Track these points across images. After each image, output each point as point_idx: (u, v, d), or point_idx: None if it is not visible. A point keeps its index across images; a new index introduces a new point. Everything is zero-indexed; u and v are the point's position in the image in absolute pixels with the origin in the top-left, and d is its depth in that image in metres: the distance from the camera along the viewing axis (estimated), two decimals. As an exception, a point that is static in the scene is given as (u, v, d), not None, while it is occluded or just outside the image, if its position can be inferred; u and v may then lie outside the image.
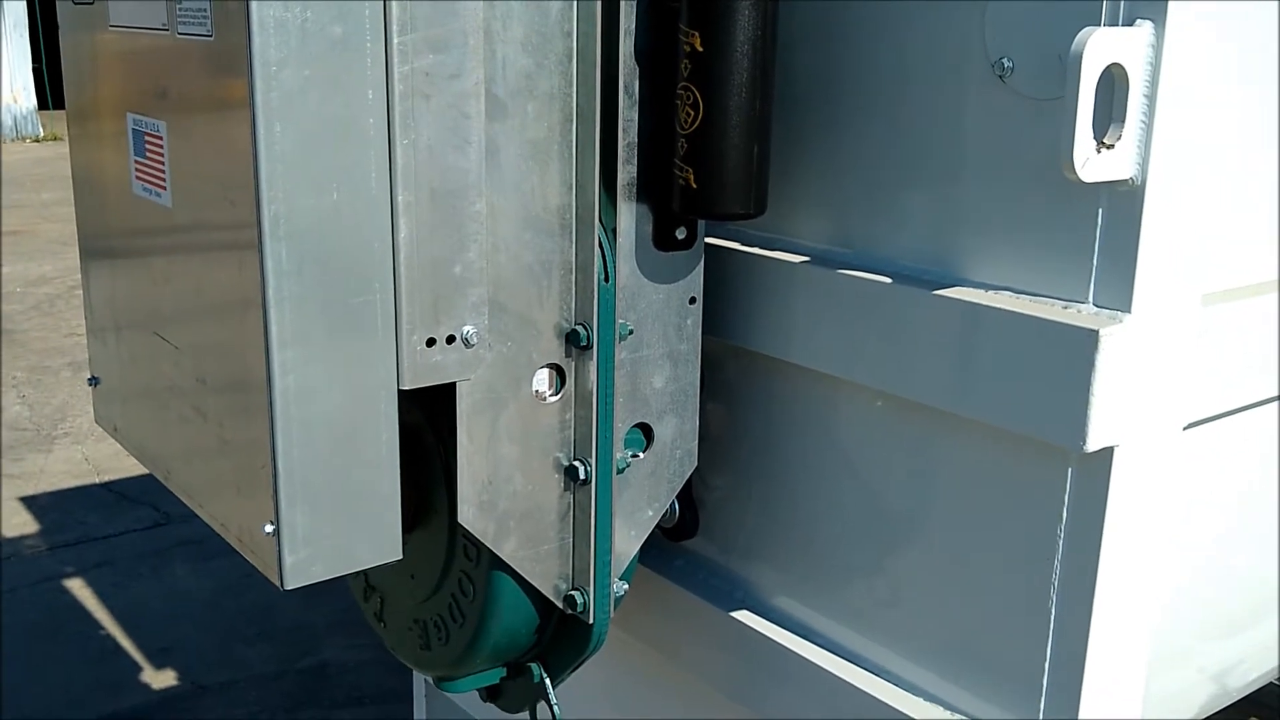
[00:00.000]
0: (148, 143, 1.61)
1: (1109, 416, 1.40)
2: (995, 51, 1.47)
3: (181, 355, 1.65)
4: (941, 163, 1.57)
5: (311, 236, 1.38)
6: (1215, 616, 2.09)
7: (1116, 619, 1.53)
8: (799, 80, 1.72)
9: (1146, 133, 1.37)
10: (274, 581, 1.49)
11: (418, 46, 1.40)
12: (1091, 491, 1.46)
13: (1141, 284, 1.40)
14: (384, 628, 2.00)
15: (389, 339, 1.46)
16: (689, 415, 1.80)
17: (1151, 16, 1.34)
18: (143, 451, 1.87)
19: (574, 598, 1.73)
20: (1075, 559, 1.49)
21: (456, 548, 1.75)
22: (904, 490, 1.70)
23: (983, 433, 1.56)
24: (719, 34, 1.50)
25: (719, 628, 1.98)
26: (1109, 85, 1.35)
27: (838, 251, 1.74)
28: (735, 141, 1.54)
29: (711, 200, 1.58)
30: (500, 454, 1.62)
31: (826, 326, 1.70)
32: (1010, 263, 1.51)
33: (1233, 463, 1.82)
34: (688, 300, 1.74)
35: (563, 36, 1.54)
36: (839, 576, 1.83)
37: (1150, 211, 1.38)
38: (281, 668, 4.35)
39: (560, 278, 1.61)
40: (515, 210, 1.55)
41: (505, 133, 1.52)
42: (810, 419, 1.82)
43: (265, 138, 1.33)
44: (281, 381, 1.40)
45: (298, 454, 1.43)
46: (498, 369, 1.58)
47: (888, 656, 1.78)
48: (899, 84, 1.61)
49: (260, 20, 1.30)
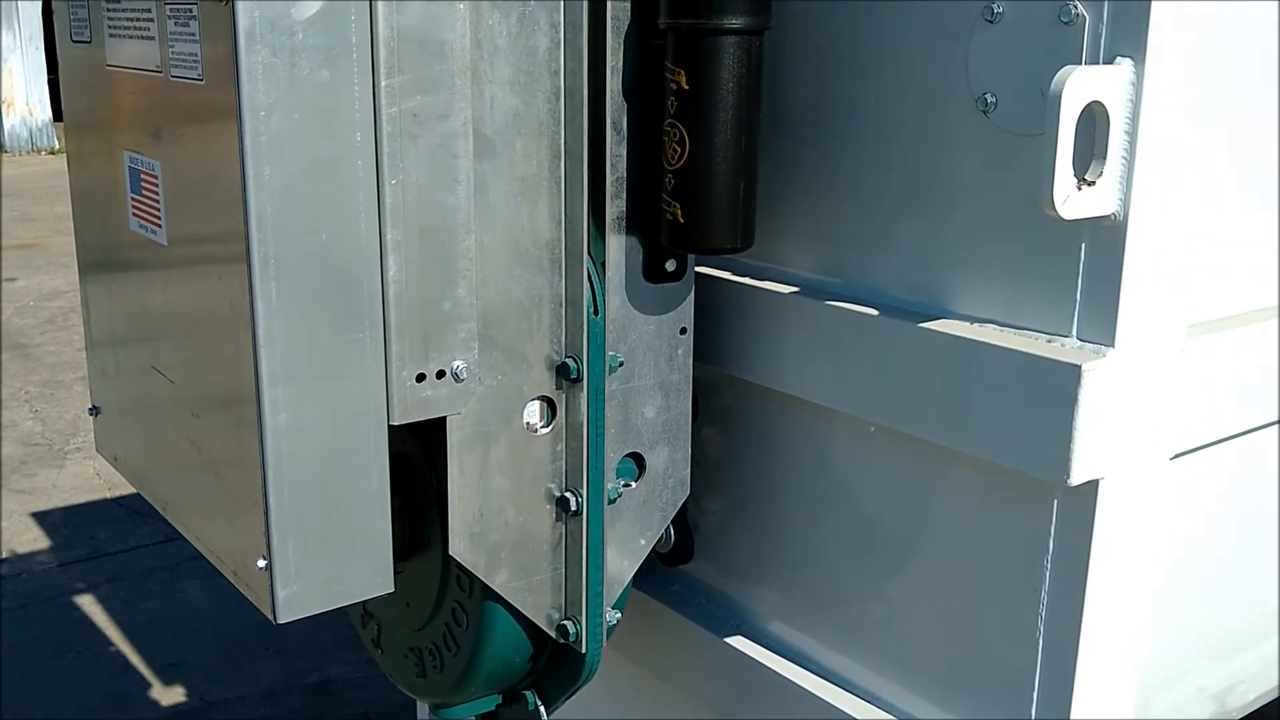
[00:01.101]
0: (144, 181, 1.63)
1: (1093, 450, 1.41)
2: (979, 87, 1.48)
3: (176, 389, 1.67)
4: (928, 196, 1.58)
5: (302, 275, 1.40)
6: (1212, 638, 2.09)
7: (1103, 648, 1.54)
8: (790, 112, 1.74)
9: (1128, 169, 1.38)
10: (267, 615, 1.51)
11: (405, 88, 1.42)
12: (1077, 524, 1.47)
13: (1124, 318, 1.41)
14: (381, 654, 2.02)
15: (379, 375, 1.48)
16: (681, 444, 1.82)
17: (1131, 54, 1.35)
18: (141, 482, 1.89)
19: (567, 627, 1.75)
20: (1062, 590, 1.50)
21: (450, 578, 1.77)
22: (896, 519, 1.71)
23: (971, 464, 1.57)
24: (704, 72, 1.52)
25: (715, 653, 1.99)
26: (1090, 122, 1.36)
27: (828, 281, 1.75)
28: (722, 177, 1.56)
29: (699, 234, 1.59)
30: (491, 486, 1.64)
31: (816, 357, 1.72)
32: (996, 296, 1.53)
33: (1223, 490, 1.82)
34: (678, 330, 1.76)
35: (550, 75, 1.55)
36: (832, 603, 1.84)
37: (1132, 247, 1.39)
38: (289, 683, 4.37)
39: (550, 311, 1.63)
40: (504, 246, 1.57)
41: (494, 170, 1.54)
42: (804, 447, 1.83)
43: (255, 180, 1.35)
44: (273, 419, 1.42)
45: (289, 489, 1.44)
46: (488, 402, 1.60)
47: (880, 683, 1.79)
48: (887, 118, 1.62)
49: (249, 66, 1.32)
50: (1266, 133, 1.67)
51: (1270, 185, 1.71)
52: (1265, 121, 1.66)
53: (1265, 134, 1.67)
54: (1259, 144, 1.67)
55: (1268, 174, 1.70)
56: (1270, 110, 1.67)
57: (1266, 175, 1.70)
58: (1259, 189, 1.68)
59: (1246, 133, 1.63)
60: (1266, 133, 1.67)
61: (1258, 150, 1.66)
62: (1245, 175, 1.65)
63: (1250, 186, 1.67)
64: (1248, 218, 1.68)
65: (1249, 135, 1.63)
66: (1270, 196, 1.71)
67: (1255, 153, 1.65)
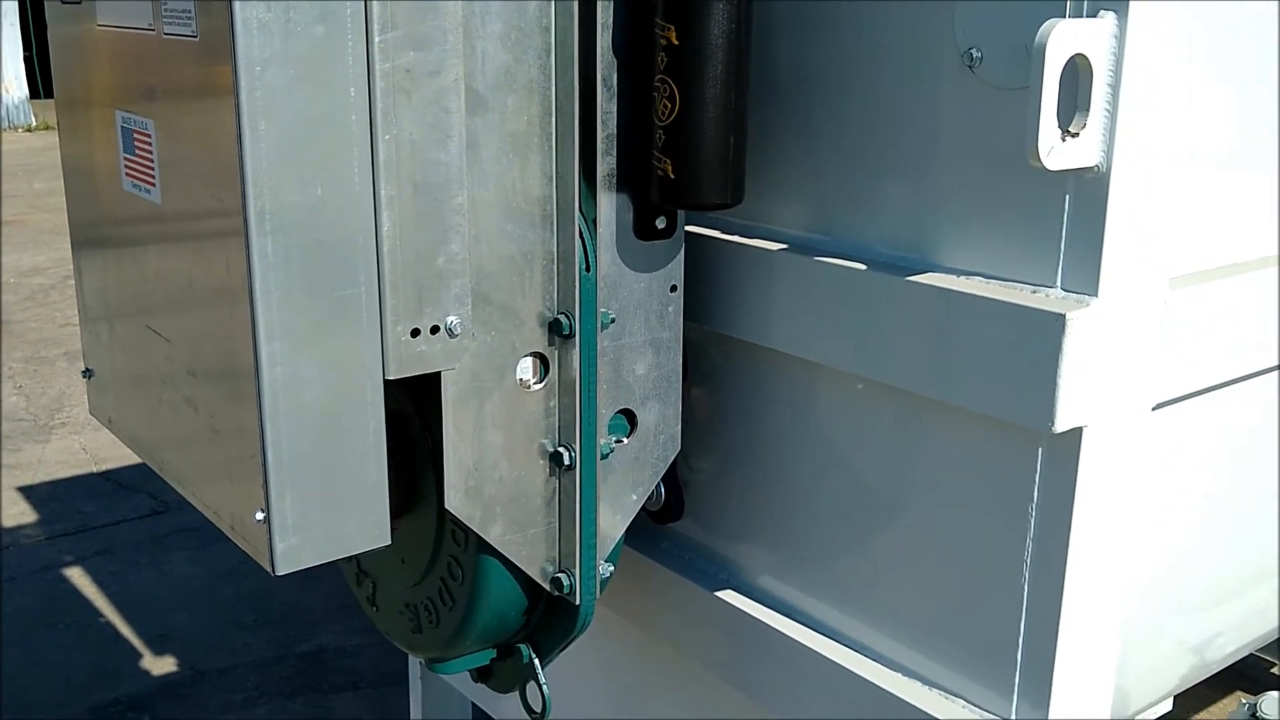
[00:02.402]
0: (136, 140, 1.64)
1: (1077, 398, 1.44)
2: (964, 42, 1.50)
3: (172, 347, 1.69)
4: (915, 151, 1.60)
5: (297, 231, 1.41)
6: (1192, 591, 2.13)
7: (1087, 594, 1.57)
8: (778, 71, 1.75)
9: (1111, 121, 1.40)
10: (265, 568, 1.53)
11: (398, 44, 1.43)
12: (1061, 471, 1.50)
13: (1108, 268, 1.43)
14: (376, 612, 2.04)
15: (374, 330, 1.49)
16: (672, 401, 1.84)
17: (1114, 7, 1.37)
18: (136, 442, 1.90)
19: (560, 580, 1.77)
20: (1046, 537, 1.54)
21: (445, 533, 1.79)
22: (884, 471, 1.74)
23: (957, 415, 1.60)
24: (694, 28, 1.53)
25: (704, 607, 2.02)
26: (1074, 75, 1.38)
27: (816, 238, 1.77)
28: (712, 133, 1.57)
29: (689, 191, 1.61)
30: (486, 441, 1.66)
31: (805, 313, 1.74)
32: (982, 249, 1.55)
33: (1205, 441, 1.86)
34: (669, 288, 1.78)
35: (541, 31, 1.57)
36: (821, 556, 1.87)
37: (1115, 198, 1.42)
38: (280, 652, 4.39)
39: (542, 268, 1.65)
40: (496, 202, 1.59)
41: (485, 126, 1.55)
42: (792, 403, 1.86)
43: (250, 135, 1.36)
44: (269, 372, 1.43)
45: (286, 443, 1.46)
46: (482, 358, 1.62)
47: (869, 633, 1.82)
48: (874, 74, 1.64)
49: (244, 21, 1.33)
50: (1251, 84, 1.70)
51: (1256, 138, 1.73)
52: (1250, 73, 1.69)
53: (1250, 86, 1.70)
54: (1244, 96, 1.69)
55: (1253, 126, 1.72)
56: (1255, 62, 1.69)
57: (1251, 127, 1.72)
58: (1244, 141, 1.71)
59: (1232, 84, 1.65)
60: (1251, 84, 1.70)
61: (1243, 102, 1.69)
62: (1230, 127, 1.68)
63: (1235, 139, 1.69)
64: (1232, 170, 1.70)
65: (1233, 87, 1.66)
66: (1255, 149, 1.74)
67: (1240, 105, 1.68)
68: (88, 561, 5.04)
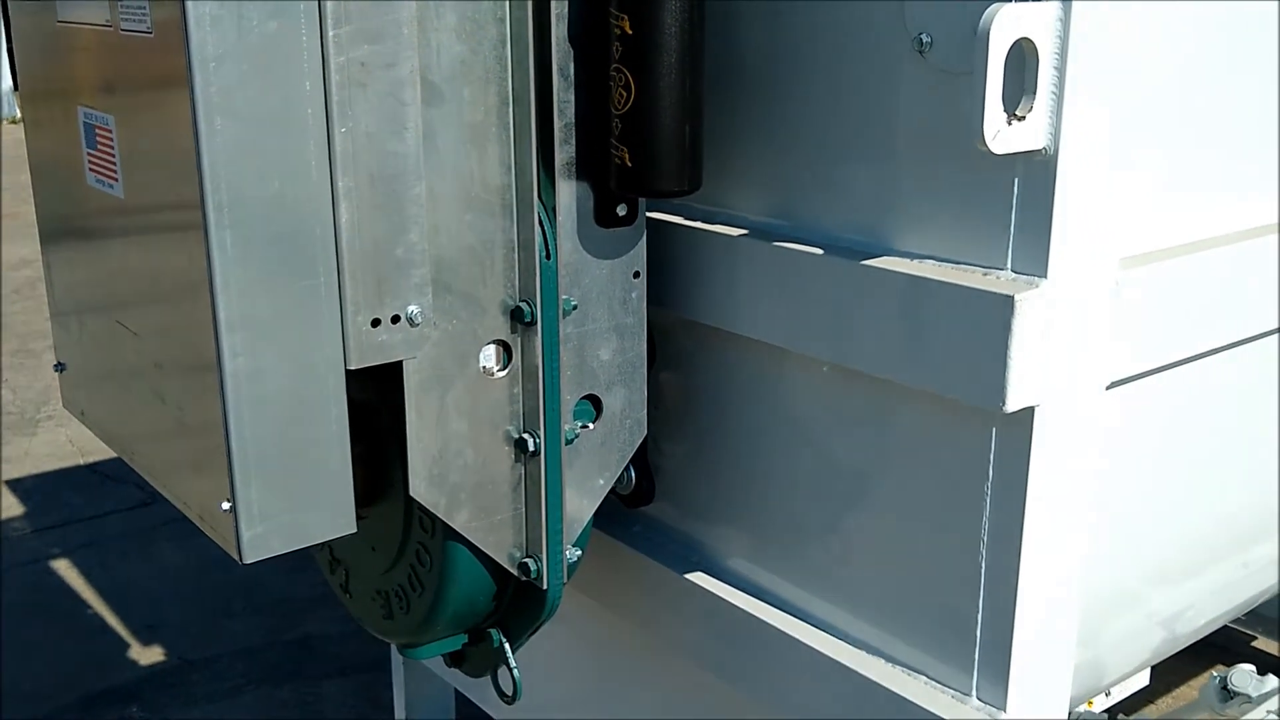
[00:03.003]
0: (98, 135, 1.66)
1: (1028, 378, 1.46)
2: (915, 27, 1.51)
3: (140, 340, 1.70)
4: (870, 136, 1.62)
5: (256, 223, 1.43)
6: (1160, 564, 2.16)
7: (1044, 571, 1.60)
8: (736, 58, 1.77)
9: (1057, 104, 1.42)
10: (233, 556, 1.55)
11: (353, 38, 1.44)
12: (1014, 450, 1.53)
13: (1057, 250, 1.45)
14: (350, 599, 2.06)
15: (335, 320, 1.51)
16: (637, 386, 1.86)
17: (1059, -9, 1.39)
18: (108, 434, 1.92)
19: (528, 565, 1.79)
20: (1001, 515, 1.56)
21: (413, 520, 1.81)
22: (848, 453, 1.76)
23: (917, 397, 1.62)
24: (648, 17, 1.55)
25: (675, 589, 2.04)
26: (1020, 58, 1.40)
27: (777, 224, 1.79)
28: (667, 121, 1.59)
29: (647, 178, 1.63)
30: (450, 429, 1.68)
31: (766, 298, 1.76)
32: (937, 232, 1.57)
33: (1161, 419, 1.88)
34: (631, 274, 1.79)
35: (496, 22, 1.58)
36: (789, 537, 1.89)
37: (1063, 180, 1.44)
38: (267, 640, 4.42)
39: (503, 256, 1.67)
40: (455, 192, 1.60)
41: (442, 118, 1.57)
42: (758, 387, 1.88)
43: (206, 130, 1.37)
44: (231, 364, 1.45)
45: (250, 433, 1.48)
46: (444, 347, 1.64)
47: (835, 612, 1.85)
48: (831, 60, 1.65)
49: (196, 17, 1.34)
50: (1198, 65, 1.72)
51: (1203, 117, 1.75)
52: (1197, 53, 1.71)
53: (1197, 66, 1.72)
54: (1191, 77, 1.71)
55: (1200, 106, 1.74)
56: (1202, 42, 1.71)
57: (1199, 107, 1.74)
58: (1192, 121, 1.73)
59: (1178, 65, 1.67)
60: (1198, 65, 1.72)
61: (1190, 83, 1.70)
62: (1177, 107, 1.70)
63: (1183, 119, 1.71)
64: (1181, 150, 1.72)
65: (1180, 68, 1.68)
66: (1203, 128, 1.76)
67: (1187, 85, 1.70)
68: (75, 553, 5.06)
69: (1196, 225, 1.75)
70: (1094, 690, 2.47)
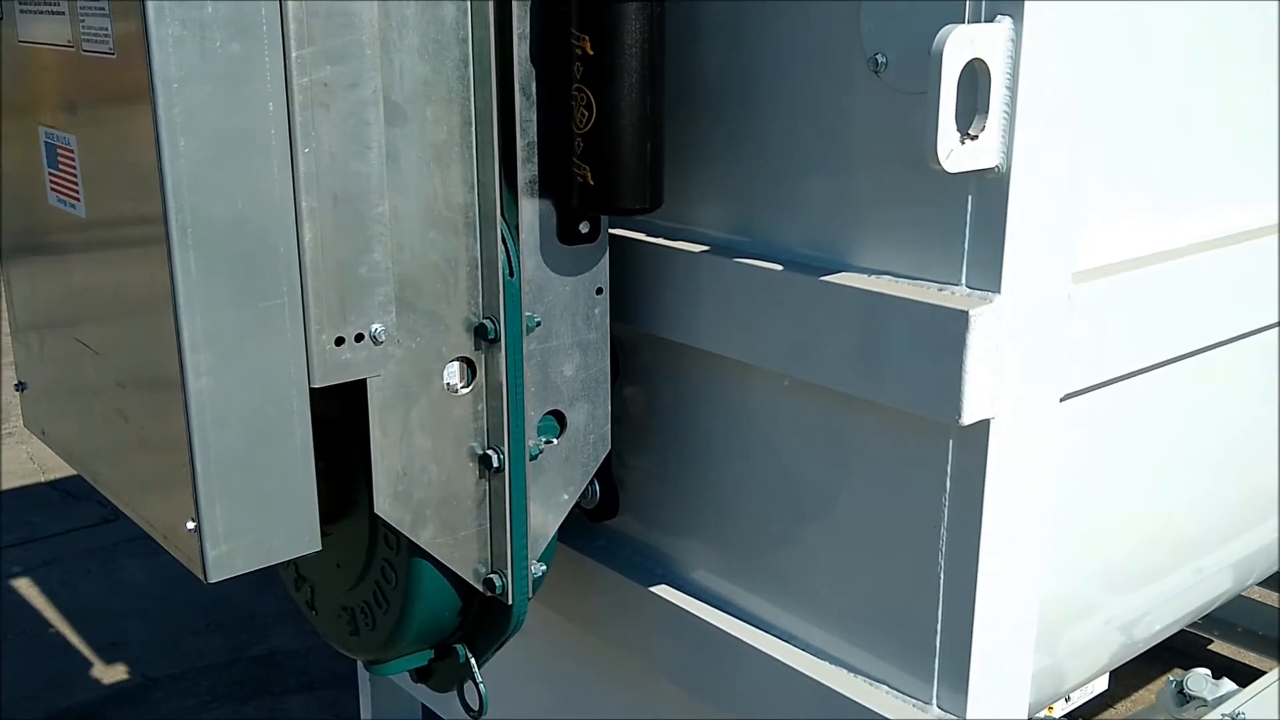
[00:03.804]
0: (60, 155, 1.66)
1: (982, 391, 1.49)
2: (870, 48, 1.54)
3: (101, 359, 1.70)
4: (827, 154, 1.65)
5: (219, 244, 1.43)
6: (1117, 571, 2.20)
7: (1002, 581, 1.62)
8: (697, 77, 1.79)
9: (1010, 123, 1.45)
10: (198, 575, 1.55)
11: (315, 59, 1.45)
12: (970, 462, 1.55)
13: (1010, 266, 1.48)
14: (315, 615, 2.07)
15: (298, 339, 1.52)
16: (601, 401, 1.87)
17: (1010, 12, 1.42)
18: (70, 454, 1.92)
19: (493, 581, 1.80)
20: (959, 526, 1.58)
21: (378, 536, 1.82)
22: (809, 466, 1.78)
23: (876, 410, 1.64)
24: (608, 38, 1.57)
25: (640, 602, 2.06)
26: (973, 78, 1.42)
27: (737, 240, 1.81)
28: (628, 140, 1.61)
29: (609, 196, 1.65)
30: (414, 446, 1.69)
31: (727, 313, 1.78)
32: (893, 248, 1.59)
33: (1117, 429, 1.91)
34: (594, 290, 1.81)
35: (458, 43, 1.60)
36: (752, 549, 1.91)
37: (1015, 197, 1.47)
38: (232, 657, 4.39)
39: (466, 274, 1.68)
40: (418, 211, 1.61)
41: (405, 137, 1.58)
42: (721, 400, 1.90)
43: (170, 151, 1.38)
44: (195, 383, 1.45)
45: (214, 453, 1.48)
46: (408, 364, 1.65)
47: (798, 624, 1.87)
48: (790, 78, 1.68)
49: (159, 40, 1.35)
50: (1150, 83, 1.76)
51: (1155, 134, 1.79)
52: (1149, 71, 1.75)
53: (1148, 84, 1.76)
54: (1142, 94, 1.75)
55: (1152, 123, 1.78)
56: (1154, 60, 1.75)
57: (1151, 124, 1.78)
58: (1143, 138, 1.77)
59: (1129, 83, 1.71)
60: (1150, 83, 1.76)
61: (1141, 100, 1.74)
62: (1129, 125, 1.74)
63: (1134, 136, 1.75)
64: (1131, 166, 1.76)
65: (1132, 86, 1.71)
66: (1155, 145, 1.80)
67: (1139, 103, 1.74)
68: (36, 571, 5.01)
69: (1148, 239, 1.79)
70: (1054, 696, 2.51)
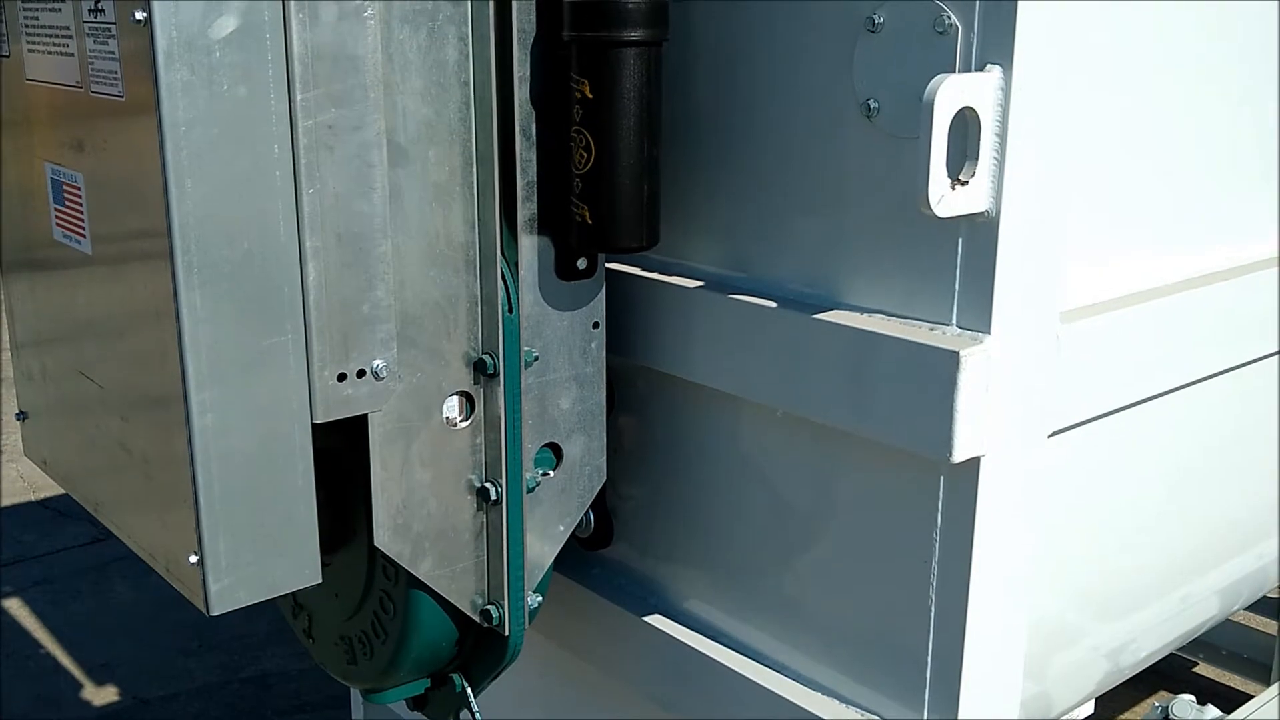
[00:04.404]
0: (66, 192, 1.68)
1: (973, 429, 1.52)
2: (863, 93, 1.58)
3: (105, 393, 1.72)
4: (821, 195, 1.68)
5: (225, 283, 1.46)
6: (1105, 599, 2.23)
7: (991, 615, 1.65)
8: (694, 116, 1.82)
9: (999, 169, 1.49)
10: (200, 608, 1.57)
11: (320, 102, 1.48)
12: (961, 498, 1.58)
13: (999, 307, 1.52)
14: (313, 643, 2.08)
15: (301, 375, 1.54)
16: (597, 433, 1.90)
17: (1000, 61, 1.45)
18: (72, 484, 1.94)
19: (490, 612, 1.83)
20: (950, 561, 1.61)
21: (376, 568, 1.84)
22: (802, 499, 1.81)
23: (867, 446, 1.67)
24: (607, 82, 1.60)
25: (634, 631, 2.08)
26: (963, 125, 1.46)
27: (732, 276, 1.84)
28: (626, 181, 1.64)
29: (606, 235, 1.68)
30: (414, 479, 1.71)
31: (722, 347, 1.81)
32: (885, 288, 1.63)
33: (1103, 464, 1.95)
34: (591, 325, 1.84)
35: (460, 86, 1.63)
36: (745, 580, 1.94)
37: (1005, 241, 1.50)
38: (224, 678, 4.40)
39: (466, 310, 1.71)
40: (420, 249, 1.64)
41: (408, 177, 1.61)
42: (714, 433, 1.93)
43: (177, 193, 1.41)
44: (200, 420, 1.48)
45: (218, 487, 1.51)
46: (408, 399, 1.67)
47: (791, 654, 1.89)
48: (784, 122, 1.71)
49: (168, 84, 1.37)
50: (1134, 129, 1.80)
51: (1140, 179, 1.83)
52: (1133, 118, 1.79)
53: (1133, 130, 1.80)
54: (1127, 140, 1.79)
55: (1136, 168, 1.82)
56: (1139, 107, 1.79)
57: (1135, 169, 1.82)
58: (1128, 182, 1.80)
59: (1115, 130, 1.75)
60: (1134, 129, 1.80)
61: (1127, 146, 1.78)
62: (1114, 170, 1.77)
63: (1118, 181, 1.79)
64: (1117, 210, 1.80)
65: (1117, 132, 1.75)
66: (1139, 189, 1.84)
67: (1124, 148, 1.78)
68: (27, 591, 5.01)
69: (1133, 278, 1.82)
70: None
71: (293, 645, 4.52)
